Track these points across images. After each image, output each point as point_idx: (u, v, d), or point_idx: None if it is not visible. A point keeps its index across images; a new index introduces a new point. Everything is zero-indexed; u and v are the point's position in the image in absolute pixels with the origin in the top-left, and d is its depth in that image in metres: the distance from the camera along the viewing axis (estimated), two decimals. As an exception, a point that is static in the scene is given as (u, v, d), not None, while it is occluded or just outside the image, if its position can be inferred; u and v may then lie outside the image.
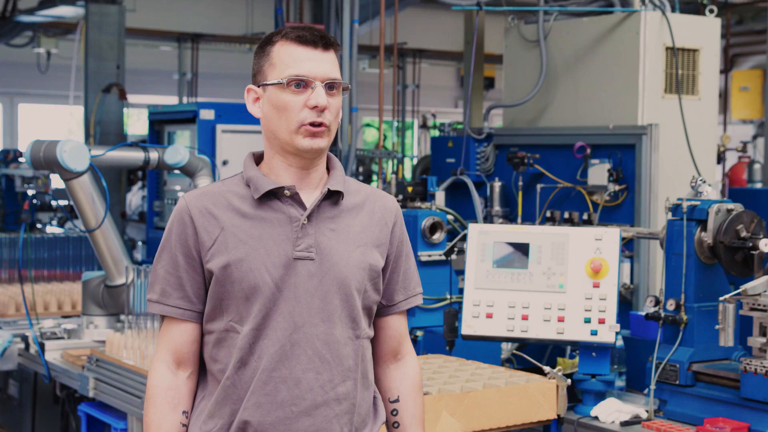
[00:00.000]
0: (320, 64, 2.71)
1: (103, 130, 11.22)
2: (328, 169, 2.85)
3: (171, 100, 18.06)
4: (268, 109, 2.74)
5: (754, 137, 13.63)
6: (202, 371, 2.81)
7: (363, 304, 2.78)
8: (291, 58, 2.71)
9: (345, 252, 2.74)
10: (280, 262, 2.69)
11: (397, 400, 2.93)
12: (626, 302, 6.07)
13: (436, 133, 17.07)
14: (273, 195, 2.74)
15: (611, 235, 4.58)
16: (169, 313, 2.75)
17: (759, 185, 10.48)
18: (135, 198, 12.39)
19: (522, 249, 4.62)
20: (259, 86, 2.77)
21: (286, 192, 2.73)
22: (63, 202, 10.75)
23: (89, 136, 11.27)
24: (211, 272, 2.71)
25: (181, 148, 5.82)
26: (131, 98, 11.40)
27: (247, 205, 2.74)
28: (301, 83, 2.69)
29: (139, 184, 12.46)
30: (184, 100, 17.90)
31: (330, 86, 2.72)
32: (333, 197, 2.78)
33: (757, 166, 10.88)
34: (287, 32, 2.74)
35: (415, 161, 18.14)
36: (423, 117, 17.13)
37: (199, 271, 2.73)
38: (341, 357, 2.72)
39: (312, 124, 2.69)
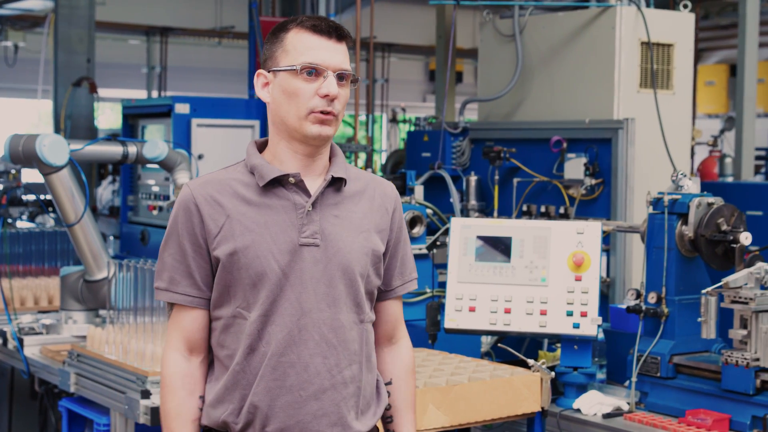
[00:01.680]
0: (333, 54, 2.77)
1: (74, 123, 11.16)
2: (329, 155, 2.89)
3: (139, 94, 18.00)
4: (278, 94, 2.78)
5: (721, 131, 13.75)
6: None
7: (366, 289, 2.85)
8: (305, 45, 2.75)
9: (348, 238, 2.80)
10: (286, 248, 2.74)
11: (389, 383, 3.00)
12: (603, 295, 6.10)
13: (405, 127, 17.11)
14: (278, 182, 2.78)
15: (593, 229, 4.61)
16: (179, 301, 2.80)
17: (730, 179, 10.58)
18: (105, 192, 12.33)
19: (504, 243, 4.65)
20: (269, 71, 2.80)
21: (291, 179, 2.77)
22: (33, 197, 10.68)
23: (59, 130, 11.20)
24: (217, 259, 2.75)
25: (160, 142, 5.80)
26: (99, 92, 11.35)
27: (251, 192, 2.78)
28: (313, 71, 2.74)
29: (110, 178, 12.41)
30: (153, 94, 17.82)
31: (340, 77, 2.77)
32: (336, 184, 2.83)
33: (728, 160, 10.98)
34: (302, 21, 2.79)
35: (383, 156, 18.17)
36: (392, 111, 17.16)
37: (206, 259, 2.78)
38: (347, 341, 2.78)
39: (322, 112, 2.74)
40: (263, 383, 2.72)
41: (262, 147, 2.88)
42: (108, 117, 21.11)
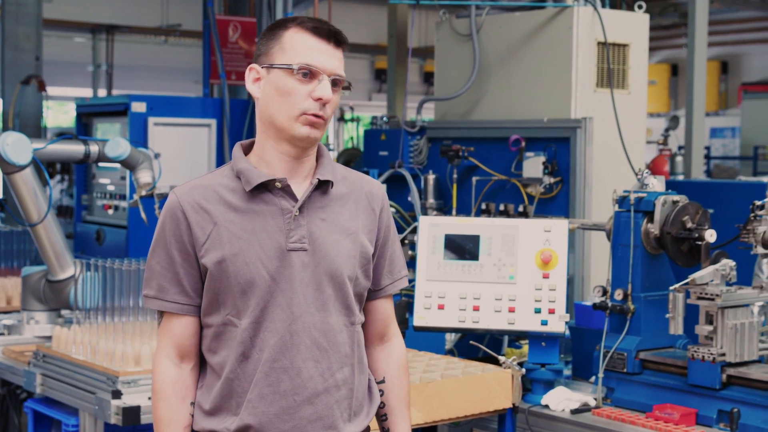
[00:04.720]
0: (331, 58, 2.77)
1: (22, 122, 11.03)
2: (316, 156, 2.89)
3: (85, 92, 17.84)
4: (270, 91, 2.77)
5: (666, 130, 13.95)
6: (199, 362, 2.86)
7: (355, 291, 2.85)
8: (304, 46, 2.75)
9: (336, 241, 2.80)
10: (274, 254, 2.73)
11: (383, 381, 3.01)
12: (563, 293, 6.16)
13: (352, 125, 17.13)
14: (264, 187, 2.77)
15: (560, 227, 4.67)
16: (169, 309, 2.79)
17: (681, 177, 10.73)
18: (54, 191, 12.23)
19: (472, 241, 4.69)
20: (263, 67, 2.79)
21: (278, 184, 2.76)
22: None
23: (6, 128, 11.07)
24: (205, 267, 2.74)
25: (122, 141, 5.77)
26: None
27: (238, 198, 2.77)
28: (308, 73, 2.74)
29: (58, 177, 12.30)
30: (100, 92, 17.67)
31: (334, 82, 2.77)
32: (322, 187, 2.83)
33: (679, 158, 11.13)
34: (303, 21, 2.79)
35: (332, 154, 18.16)
36: (340, 110, 17.15)
37: (194, 266, 2.77)
38: (338, 344, 2.79)
39: (314, 115, 2.74)
40: (257, 390, 2.73)
41: (248, 149, 2.87)
42: (46, 116, 20.83)
